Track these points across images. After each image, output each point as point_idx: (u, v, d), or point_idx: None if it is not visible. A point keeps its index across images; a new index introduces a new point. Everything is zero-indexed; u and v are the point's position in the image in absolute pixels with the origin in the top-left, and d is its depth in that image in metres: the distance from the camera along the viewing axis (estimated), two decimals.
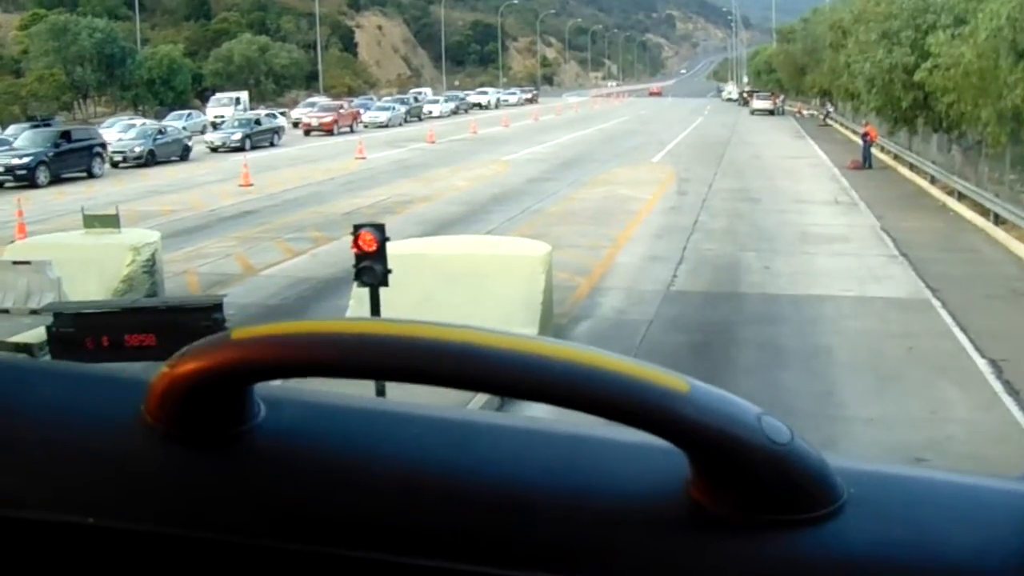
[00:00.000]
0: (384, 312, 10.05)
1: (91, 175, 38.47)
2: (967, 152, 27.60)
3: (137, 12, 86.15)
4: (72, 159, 38.31)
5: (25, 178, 35.40)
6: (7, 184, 35.06)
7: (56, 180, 36.35)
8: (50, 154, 37.03)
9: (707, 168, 37.16)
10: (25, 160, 36.09)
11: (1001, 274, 18.79)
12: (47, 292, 14.94)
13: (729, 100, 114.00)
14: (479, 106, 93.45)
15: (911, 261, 19.43)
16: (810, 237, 22.31)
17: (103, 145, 41.14)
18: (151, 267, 16.13)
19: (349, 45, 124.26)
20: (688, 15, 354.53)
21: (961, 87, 23.45)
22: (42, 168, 36.26)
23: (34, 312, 14.27)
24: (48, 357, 7.75)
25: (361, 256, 9.72)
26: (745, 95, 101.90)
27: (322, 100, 73.88)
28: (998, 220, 22.84)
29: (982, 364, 12.70)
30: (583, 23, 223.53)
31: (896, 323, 14.96)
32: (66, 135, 39.69)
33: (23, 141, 38.76)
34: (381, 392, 7.07)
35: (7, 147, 38.35)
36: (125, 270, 15.65)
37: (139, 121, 53.17)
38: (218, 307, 7.34)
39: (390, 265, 9.82)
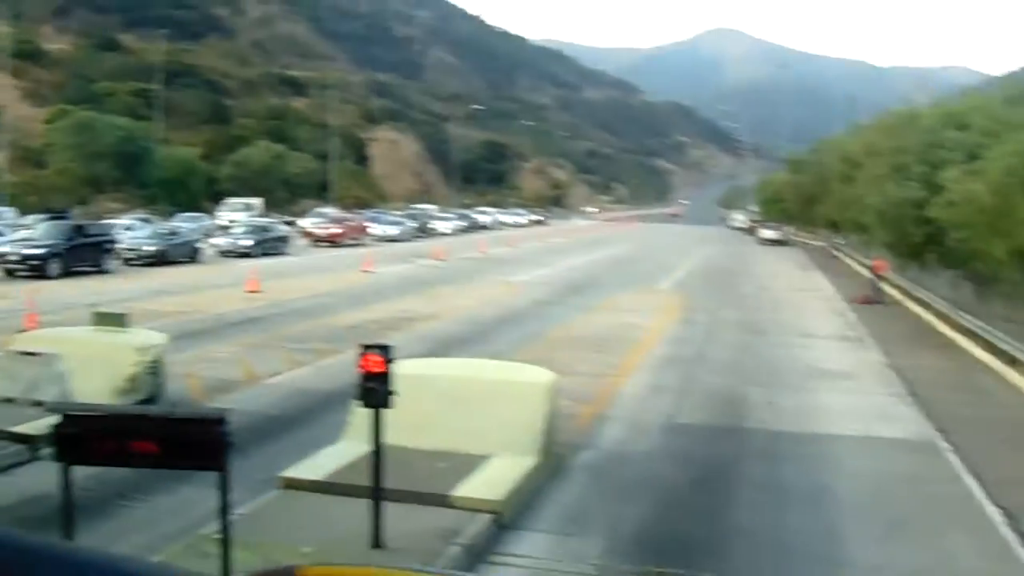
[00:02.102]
0: (386, 432, 9.96)
1: (102, 270, 38.76)
2: (980, 290, 27.32)
3: (160, 113, 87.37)
4: (85, 253, 38.75)
5: (38, 268, 35.88)
6: (20, 273, 35.48)
7: (68, 273, 36.64)
8: (64, 247, 37.44)
9: (713, 298, 37.24)
10: (40, 251, 36.59)
11: (1014, 417, 18.57)
12: (52, 385, 14.90)
13: (737, 229, 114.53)
14: (484, 227, 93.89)
15: (919, 401, 19.23)
16: (816, 373, 22.17)
17: (114, 242, 41.61)
18: (156, 369, 16.12)
19: (362, 158, 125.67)
20: (699, 142, 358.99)
21: (974, 223, 23.34)
22: (55, 260, 36.73)
23: (37, 404, 14.22)
24: (50, 452, 7.77)
25: (366, 376, 9.66)
26: (753, 224, 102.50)
27: (331, 211, 74.45)
28: (1014, 361, 22.41)
29: (993, 512, 12.45)
30: (595, 146, 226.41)
31: (903, 465, 14.75)
32: (80, 229, 40.14)
33: (40, 232, 39.22)
34: None
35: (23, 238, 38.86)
36: (130, 370, 15.62)
37: (120, 222, 52.71)
38: (222, 421, 7.28)
39: (394, 385, 9.77)
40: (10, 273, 35.96)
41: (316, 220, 66.37)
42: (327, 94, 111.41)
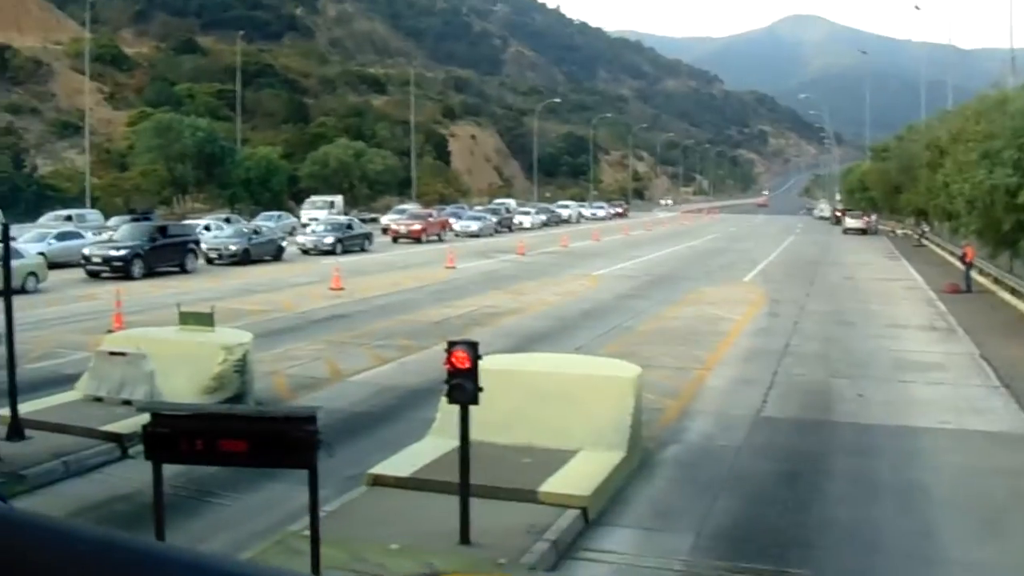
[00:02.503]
0: (472, 428, 9.94)
1: (184, 270, 39.31)
2: None
3: (239, 114, 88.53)
4: (167, 253, 39.33)
5: (121, 270, 36.43)
6: (104, 275, 36.14)
7: (150, 273, 37.23)
8: (146, 248, 38.04)
9: (799, 289, 36.74)
10: (122, 252, 37.18)
11: None
12: (141, 384, 15.14)
13: (821, 218, 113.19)
14: (565, 220, 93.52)
15: (1014, 393, 18.63)
16: (905, 364, 21.68)
17: (197, 242, 42.20)
18: (242, 367, 16.24)
19: (443, 153, 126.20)
20: (780, 131, 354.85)
21: None
22: (137, 261, 37.31)
23: (126, 403, 14.47)
24: (140, 450, 7.90)
25: (453, 373, 9.64)
26: (837, 213, 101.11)
27: (412, 207, 74.71)
28: None
29: None
30: (675, 137, 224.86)
31: (998, 459, 14.29)
32: (162, 230, 40.79)
33: (122, 234, 39.87)
34: None
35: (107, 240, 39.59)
36: (216, 368, 15.78)
37: (199, 222, 53.17)
38: (311, 419, 7.29)
39: (480, 381, 9.73)
40: (93, 275, 36.58)
41: (396, 216, 66.59)
42: (407, 90, 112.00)
